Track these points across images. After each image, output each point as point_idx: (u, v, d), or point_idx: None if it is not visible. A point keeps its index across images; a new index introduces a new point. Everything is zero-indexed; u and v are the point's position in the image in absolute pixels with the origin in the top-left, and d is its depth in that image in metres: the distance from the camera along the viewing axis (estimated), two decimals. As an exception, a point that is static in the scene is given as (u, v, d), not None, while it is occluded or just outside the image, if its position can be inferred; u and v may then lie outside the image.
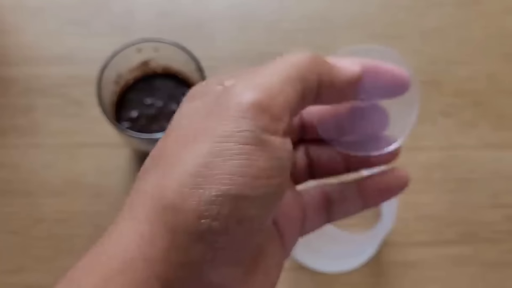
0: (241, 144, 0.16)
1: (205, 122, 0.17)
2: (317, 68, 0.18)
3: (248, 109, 0.16)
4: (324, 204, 0.23)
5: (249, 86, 0.17)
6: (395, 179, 0.23)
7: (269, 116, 0.16)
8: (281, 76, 0.17)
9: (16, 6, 0.48)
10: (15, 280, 0.40)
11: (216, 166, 0.16)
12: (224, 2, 0.49)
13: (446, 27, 0.49)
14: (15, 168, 0.43)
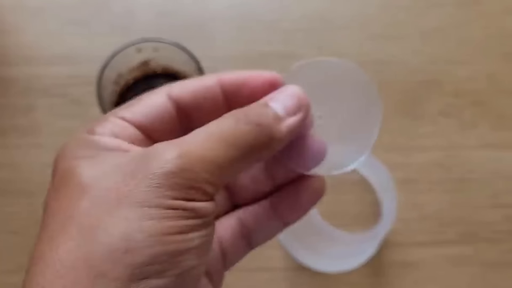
0: (168, 209, 0.16)
1: (127, 184, 0.16)
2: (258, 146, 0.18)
3: (172, 174, 0.16)
4: (242, 232, 0.22)
5: (180, 153, 0.16)
6: (308, 192, 0.21)
7: (198, 186, 0.16)
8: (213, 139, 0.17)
9: (16, 6, 0.48)
10: (16, 280, 0.40)
11: (148, 229, 0.15)
12: (224, 2, 0.49)
13: (446, 27, 0.49)
14: (15, 168, 0.43)
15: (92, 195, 0.16)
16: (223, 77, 0.20)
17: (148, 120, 0.19)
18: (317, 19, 0.49)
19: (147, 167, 0.16)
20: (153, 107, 0.19)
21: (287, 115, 0.19)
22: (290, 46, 0.47)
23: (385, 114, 0.51)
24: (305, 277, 0.41)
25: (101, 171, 0.17)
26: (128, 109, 0.19)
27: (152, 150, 0.17)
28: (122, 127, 0.19)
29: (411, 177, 0.44)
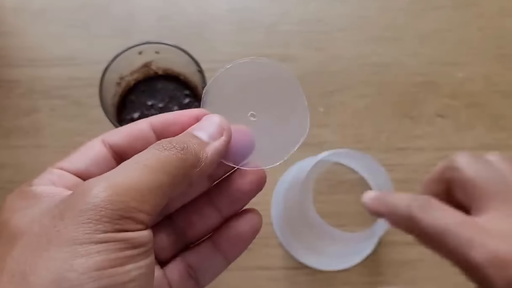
0: (99, 243, 0.16)
1: (56, 225, 0.16)
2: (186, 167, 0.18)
3: (100, 208, 0.16)
4: (188, 273, 0.22)
5: (106, 185, 0.16)
6: (245, 225, 0.22)
7: (128, 216, 0.16)
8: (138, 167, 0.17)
9: (18, 8, 0.49)
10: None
11: (79, 267, 0.15)
12: (224, 6, 0.50)
13: (443, 29, 0.50)
14: (18, 168, 0.43)
15: (23, 241, 0.16)
16: (153, 120, 0.21)
17: (84, 166, 0.20)
18: (316, 22, 0.49)
19: (74, 205, 0.16)
20: (89, 153, 0.20)
21: (210, 140, 0.20)
22: (290, 49, 0.48)
23: (382, 115, 0.52)
24: (305, 275, 0.42)
25: (31, 217, 0.17)
26: (66, 159, 0.20)
27: (79, 187, 0.17)
28: (59, 176, 0.19)
29: (408, 177, 0.44)
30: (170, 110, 0.40)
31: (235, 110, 0.22)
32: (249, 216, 0.22)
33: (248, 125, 0.22)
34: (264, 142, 0.22)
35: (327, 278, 0.41)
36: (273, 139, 0.22)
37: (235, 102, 0.22)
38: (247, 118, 0.22)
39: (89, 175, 0.20)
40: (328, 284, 0.41)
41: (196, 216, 0.22)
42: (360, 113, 0.46)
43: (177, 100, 0.40)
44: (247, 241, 0.22)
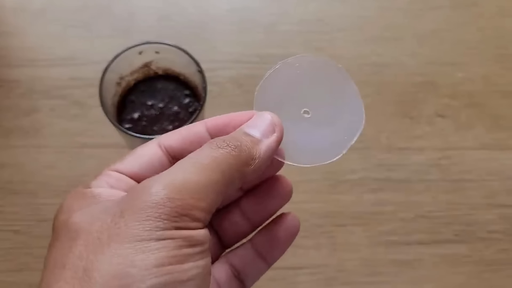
0: (159, 240, 0.16)
1: (117, 223, 0.16)
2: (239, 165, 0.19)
3: (159, 205, 0.16)
4: (233, 273, 0.22)
5: (164, 184, 0.17)
6: (284, 229, 0.22)
7: (186, 213, 0.17)
8: (194, 166, 0.18)
9: (18, 8, 0.49)
10: (17, 279, 0.40)
11: (140, 263, 0.15)
12: (224, 6, 0.50)
13: (442, 29, 0.50)
14: (18, 168, 0.43)
15: (84, 238, 0.17)
16: (208, 122, 0.21)
17: (141, 169, 0.20)
18: (316, 22, 0.49)
19: (134, 203, 0.17)
20: (145, 156, 0.20)
21: (262, 137, 0.20)
22: (289, 49, 0.48)
23: (382, 115, 0.52)
24: (305, 275, 0.42)
25: (91, 215, 0.17)
26: (122, 162, 0.20)
27: (138, 186, 0.17)
28: (117, 179, 0.20)
29: (408, 177, 0.44)
30: (170, 110, 0.40)
31: (287, 109, 0.22)
32: (288, 221, 0.22)
33: (302, 123, 0.22)
34: (320, 137, 0.22)
35: (327, 278, 0.42)
36: (329, 133, 0.22)
37: (287, 101, 0.22)
38: (300, 116, 0.22)
39: (145, 178, 0.20)
40: (328, 284, 0.41)
41: (227, 223, 0.23)
42: (360, 113, 0.46)
43: (177, 100, 0.40)
44: (286, 245, 0.23)
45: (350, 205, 0.44)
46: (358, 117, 0.22)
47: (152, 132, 0.39)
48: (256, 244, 0.23)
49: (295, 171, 0.22)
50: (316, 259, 0.42)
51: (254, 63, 0.47)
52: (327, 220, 0.43)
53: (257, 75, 0.47)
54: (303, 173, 0.42)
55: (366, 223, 0.43)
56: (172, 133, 0.21)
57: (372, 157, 0.45)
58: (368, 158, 0.45)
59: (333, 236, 0.43)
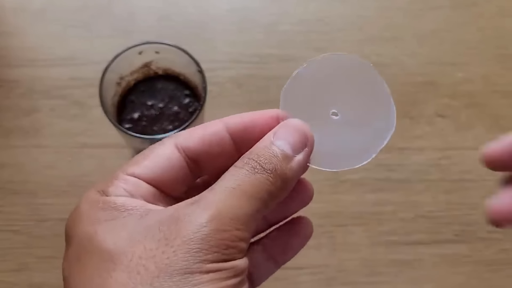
0: (210, 273, 0.16)
1: (164, 252, 0.16)
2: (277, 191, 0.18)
3: (208, 238, 0.16)
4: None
5: (211, 215, 0.16)
6: (299, 237, 0.22)
7: (234, 246, 0.17)
8: (236, 194, 0.17)
9: (18, 8, 0.49)
10: (18, 279, 0.40)
11: None
12: (224, 6, 0.50)
13: (442, 29, 0.50)
14: (18, 168, 0.43)
15: (126, 265, 0.16)
16: (229, 122, 0.20)
17: (159, 174, 0.19)
18: (316, 22, 0.49)
19: (181, 232, 0.16)
20: (162, 159, 0.19)
21: (294, 152, 0.19)
22: (289, 49, 0.48)
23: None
24: (305, 275, 0.42)
25: (126, 236, 0.17)
26: (138, 164, 0.19)
27: (181, 213, 0.17)
28: (135, 185, 0.19)
29: (408, 177, 0.44)
30: (170, 110, 0.40)
31: (315, 110, 0.21)
32: (301, 225, 0.22)
33: (330, 124, 0.21)
34: (350, 140, 0.21)
35: (327, 278, 0.42)
36: (358, 136, 0.21)
37: (314, 101, 0.21)
38: (328, 117, 0.21)
39: (164, 184, 0.19)
40: (328, 284, 0.41)
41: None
42: (360, 113, 0.46)
43: (177, 100, 0.40)
44: (298, 249, 0.23)
45: (350, 205, 0.44)
46: (388, 119, 0.21)
47: (152, 132, 0.39)
48: (268, 247, 0.22)
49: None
50: (316, 259, 0.42)
51: (254, 63, 0.47)
52: (327, 220, 0.43)
53: (257, 75, 0.47)
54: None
55: (366, 223, 0.43)
56: (189, 134, 0.20)
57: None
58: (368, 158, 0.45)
59: (333, 236, 0.43)
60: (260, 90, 0.46)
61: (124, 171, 0.19)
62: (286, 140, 0.19)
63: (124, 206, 0.18)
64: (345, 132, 0.21)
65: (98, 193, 0.18)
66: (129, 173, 0.19)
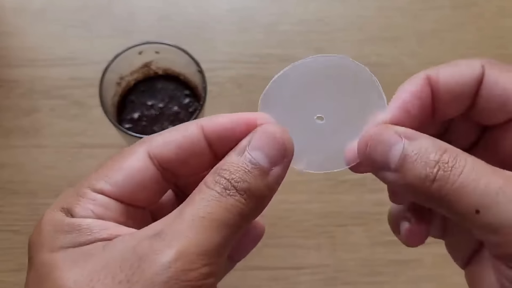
0: None
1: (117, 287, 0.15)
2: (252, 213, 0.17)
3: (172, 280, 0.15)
4: None
5: (177, 252, 0.15)
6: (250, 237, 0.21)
7: (200, 285, 0.15)
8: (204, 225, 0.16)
9: (18, 8, 0.49)
10: (18, 279, 0.40)
11: None
12: (224, 6, 0.50)
13: (442, 29, 0.50)
14: (18, 168, 0.43)
15: None
16: (205, 125, 0.18)
17: (130, 190, 0.18)
18: (316, 22, 0.49)
19: (143, 274, 0.15)
20: (134, 172, 0.18)
21: (271, 165, 0.17)
22: (289, 49, 0.48)
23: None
24: (305, 275, 0.42)
25: (87, 275, 0.15)
26: (106, 179, 0.17)
27: (145, 249, 0.15)
28: (103, 206, 0.17)
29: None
30: (170, 110, 0.40)
31: (298, 114, 0.20)
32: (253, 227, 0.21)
33: (315, 129, 0.20)
34: (335, 143, 0.20)
35: (327, 278, 0.42)
36: (345, 138, 0.20)
37: (298, 105, 0.20)
38: (313, 122, 0.20)
39: (135, 199, 0.18)
40: (328, 284, 0.41)
41: None
42: (360, 113, 0.46)
43: (177, 100, 0.40)
44: (250, 249, 0.22)
45: (350, 205, 0.44)
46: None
47: (152, 132, 0.39)
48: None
49: (295, 171, 0.22)
50: (316, 259, 0.42)
51: (254, 63, 0.47)
52: (327, 220, 0.43)
53: (257, 75, 0.47)
54: (303, 174, 0.42)
55: (366, 223, 0.43)
56: (163, 140, 0.18)
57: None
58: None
59: (333, 236, 0.43)
60: (260, 90, 0.45)
61: (91, 187, 0.17)
62: (261, 150, 0.17)
63: (90, 229, 0.16)
64: (331, 136, 0.20)
65: (62, 213, 0.17)
66: (97, 189, 0.17)
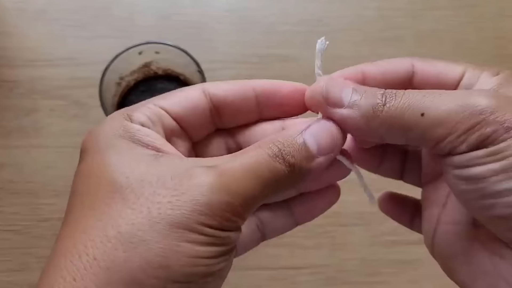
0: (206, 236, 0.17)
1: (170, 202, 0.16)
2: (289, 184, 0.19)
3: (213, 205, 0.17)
4: (257, 226, 0.23)
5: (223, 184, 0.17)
6: (325, 201, 0.23)
7: (234, 220, 0.17)
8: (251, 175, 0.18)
9: (18, 8, 0.49)
10: (18, 279, 0.40)
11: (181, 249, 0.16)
12: (224, 6, 0.50)
13: (442, 29, 0.50)
14: (18, 168, 0.43)
15: (133, 201, 0.17)
16: (257, 83, 0.21)
17: (183, 111, 0.20)
18: (315, 22, 0.49)
19: (191, 191, 0.17)
20: (189, 99, 0.20)
21: (319, 153, 0.19)
22: (289, 49, 0.48)
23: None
24: (305, 275, 0.42)
25: (139, 175, 0.17)
26: (166, 99, 0.20)
27: (197, 172, 0.17)
28: (159, 116, 0.19)
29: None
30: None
31: None
32: (329, 189, 0.23)
33: None
34: None
35: (327, 278, 0.42)
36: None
37: None
38: None
39: (186, 122, 0.20)
40: (328, 284, 0.41)
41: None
42: (360, 113, 0.46)
43: (177, 100, 0.40)
44: (322, 211, 0.23)
45: (350, 205, 0.44)
46: None
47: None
48: (292, 205, 0.23)
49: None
50: (316, 259, 0.42)
51: (253, 63, 0.47)
52: (327, 220, 0.43)
53: (257, 75, 0.47)
54: None
55: (367, 223, 0.43)
56: (218, 84, 0.21)
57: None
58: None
59: (333, 236, 0.43)
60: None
61: (152, 102, 0.20)
62: (316, 138, 0.19)
63: (142, 139, 0.18)
64: None
65: (123, 117, 0.19)
66: (157, 104, 0.20)
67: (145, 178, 0.17)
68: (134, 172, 0.17)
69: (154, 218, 0.16)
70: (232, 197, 0.17)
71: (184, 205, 0.16)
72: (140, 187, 0.17)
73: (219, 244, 0.17)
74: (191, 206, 0.16)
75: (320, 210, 0.23)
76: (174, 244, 0.16)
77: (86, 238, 0.16)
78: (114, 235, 0.16)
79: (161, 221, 0.16)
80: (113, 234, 0.16)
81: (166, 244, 0.16)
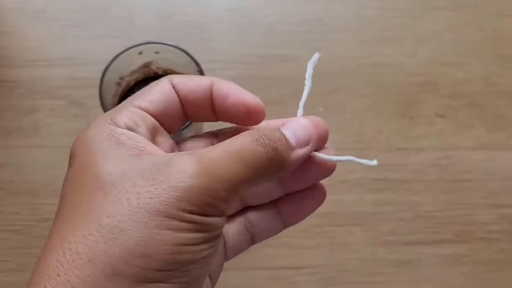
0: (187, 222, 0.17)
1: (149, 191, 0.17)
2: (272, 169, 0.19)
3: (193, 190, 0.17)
4: (246, 227, 0.23)
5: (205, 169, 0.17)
6: (312, 200, 0.23)
7: (216, 204, 0.17)
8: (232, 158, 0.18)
9: (18, 8, 0.49)
10: (18, 279, 0.40)
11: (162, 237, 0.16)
12: (223, 6, 0.50)
13: (442, 30, 0.50)
14: (18, 168, 0.43)
15: (114, 195, 0.17)
16: (217, 83, 0.21)
17: (162, 108, 0.20)
18: (316, 22, 0.49)
19: (169, 178, 0.17)
20: (164, 95, 0.20)
21: (297, 145, 0.20)
22: (289, 49, 0.48)
23: (382, 115, 0.52)
24: (305, 275, 0.42)
25: (121, 171, 0.17)
26: (143, 99, 0.20)
27: (175, 160, 0.17)
28: (142, 117, 0.20)
29: (408, 177, 0.44)
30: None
31: None
32: (316, 189, 0.23)
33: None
34: None
35: (326, 278, 0.42)
36: None
37: None
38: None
39: (165, 118, 0.20)
40: (328, 284, 0.41)
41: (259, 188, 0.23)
42: (360, 113, 0.46)
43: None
44: (309, 213, 0.23)
45: (349, 205, 0.44)
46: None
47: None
48: (280, 205, 0.23)
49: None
50: (315, 259, 0.42)
51: (253, 63, 0.47)
52: (326, 220, 0.43)
53: (257, 75, 0.47)
54: None
55: (366, 223, 0.43)
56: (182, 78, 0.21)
57: (371, 157, 0.45)
58: (367, 158, 0.45)
59: (332, 236, 0.43)
60: (260, 90, 0.46)
61: (131, 103, 0.20)
62: (293, 132, 0.20)
63: (126, 139, 0.19)
64: None
65: (106, 121, 0.19)
66: (136, 105, 0.20)
67: (126, 173, 0.17)
68: (117, 169, 0.17)
69: (134, 208, 0.16)
70: (214, 181, 0.17)
71: (162, 192, 0.16)
72: (121, 181, 0.17)
73: (202, 230, 0.17)
74: (169, 193, 0.16)
75: (308, 211, 0.23)
76: (154, 232, 0.16)
77: (70, 234, 0.17)
78: (96, 228, 0.16)
79: (140, 210, 0.16)
80: (94, 227, 0.16)
81: (145, 233, 0.16)
